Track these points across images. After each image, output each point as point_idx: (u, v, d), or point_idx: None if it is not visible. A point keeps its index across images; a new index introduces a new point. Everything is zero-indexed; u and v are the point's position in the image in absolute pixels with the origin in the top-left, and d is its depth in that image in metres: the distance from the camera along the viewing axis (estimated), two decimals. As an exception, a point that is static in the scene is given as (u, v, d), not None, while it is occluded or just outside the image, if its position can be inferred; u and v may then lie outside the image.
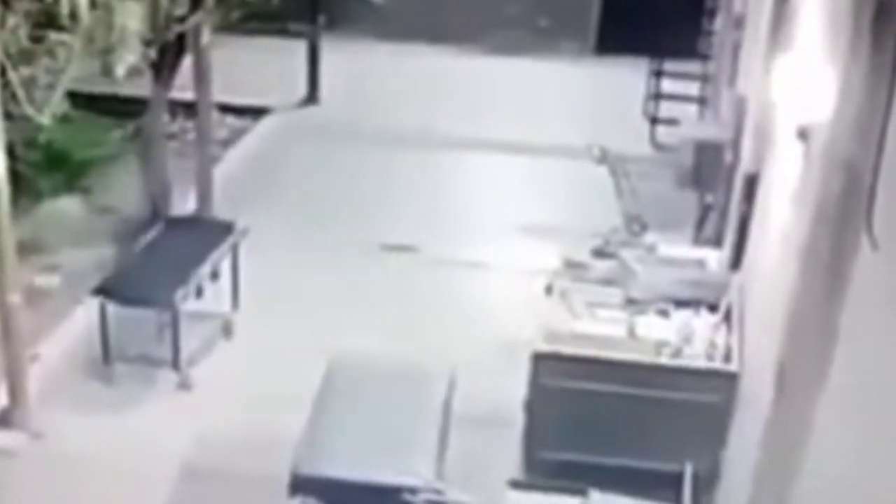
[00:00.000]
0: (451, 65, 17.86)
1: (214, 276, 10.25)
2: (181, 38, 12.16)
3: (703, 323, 8.86)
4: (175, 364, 9.80)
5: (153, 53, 11.78)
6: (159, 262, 10.19)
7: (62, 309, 10.52)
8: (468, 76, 17.38)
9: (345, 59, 16.87)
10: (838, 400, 4.81)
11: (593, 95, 16.37)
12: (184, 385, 9.83)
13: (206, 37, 12.27)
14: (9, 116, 9.32)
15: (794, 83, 7.17)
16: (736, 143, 10.63)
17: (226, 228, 10.86)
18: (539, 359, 8.40)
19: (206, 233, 10.90)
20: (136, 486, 8.73)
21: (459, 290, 11.57)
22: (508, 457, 8.54)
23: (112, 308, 9.81)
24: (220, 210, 12.83)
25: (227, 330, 10.56)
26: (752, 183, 9.02)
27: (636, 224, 11.78)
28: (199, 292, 9.96)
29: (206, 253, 10.26)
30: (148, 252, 10.47)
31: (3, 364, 9.16)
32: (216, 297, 10.38)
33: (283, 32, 17.68)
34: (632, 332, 8.79)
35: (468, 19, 18.75)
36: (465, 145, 15.11)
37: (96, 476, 8.78)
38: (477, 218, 13.17)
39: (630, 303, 9.12)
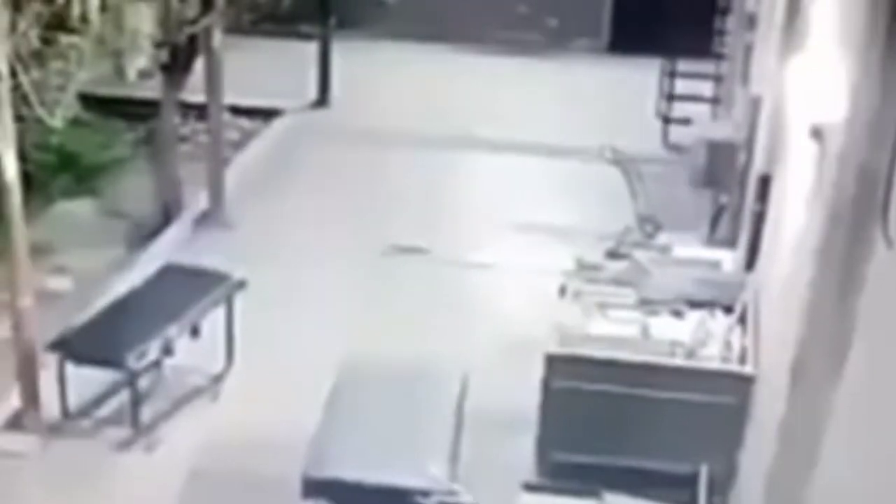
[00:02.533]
0: (463, 65, 17.85)
1: (194, 332, 9.44)
2: (192, 40, 12.18)
3: (717, 324, 8.80)
4: (134, 427, 9.13)
5: (164, 56, 11.80)
6: (128, 316, 9.40)
7: (71, 312, 10.50)
8: (480, 76, 17.37)
9: (356, 60, 16.87)
10: (854, 398, 4.78)
11: (606, 95, 16.35)
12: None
13: (217, 39, 12.27)
14: (20, 119, 9.31)
15: (808, 82, 7.13)
16: (749, 143, 10.59)
17: (218, 280, 9.95)
18: (552, 360, 8.34)
19: (195, 284, 9.89)
20: (145, 488, 8.72)
21: (472, 291, 11.54)
22: (522, 459, 8.49)
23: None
24: (232, 212, 12.84)
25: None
26: (765, 183, 8.98)
27: (649, 225, 11.73)
28: (168, 351, 9.14)
29: (185, 308, 9.43)
30: (122, 304, 9.65)
31: (15, 367, 9.14)
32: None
33: (295, 34, 17.73)
34: (645, 333, 8.73)
35: (479, 19, 18.74)
36: (476, 146, 15.09)
37: (105, 479, 8.79)
38: (489, 219, 13.13)
39: (644, 304, 9.06)
